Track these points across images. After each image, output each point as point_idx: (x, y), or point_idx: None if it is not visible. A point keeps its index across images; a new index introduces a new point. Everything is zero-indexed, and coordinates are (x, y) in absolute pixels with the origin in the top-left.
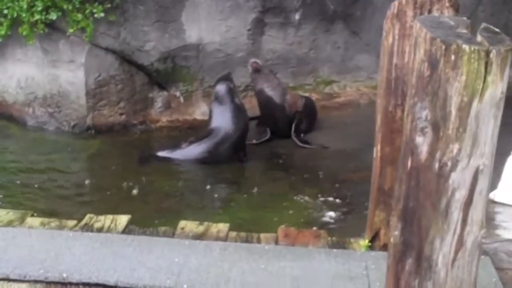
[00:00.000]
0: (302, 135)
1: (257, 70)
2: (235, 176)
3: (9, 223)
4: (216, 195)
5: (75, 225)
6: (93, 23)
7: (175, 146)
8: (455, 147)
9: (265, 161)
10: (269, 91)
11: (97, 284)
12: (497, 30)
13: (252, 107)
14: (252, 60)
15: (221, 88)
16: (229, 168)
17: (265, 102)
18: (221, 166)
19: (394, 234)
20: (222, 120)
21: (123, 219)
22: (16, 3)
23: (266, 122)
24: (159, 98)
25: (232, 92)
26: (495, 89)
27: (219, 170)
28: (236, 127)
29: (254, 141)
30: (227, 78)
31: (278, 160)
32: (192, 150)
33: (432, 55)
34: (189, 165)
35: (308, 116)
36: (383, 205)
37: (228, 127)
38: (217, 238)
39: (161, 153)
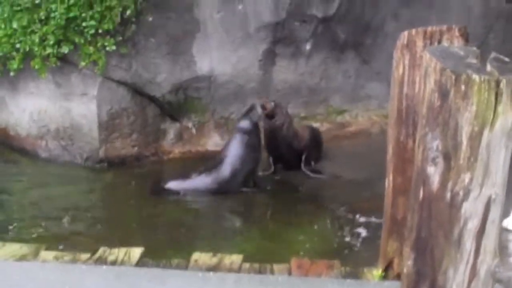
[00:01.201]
0: (312, 163)
1: (270, 116)
2: (246, 206)
3: (23, 257)
4: (228, 226)
5: (89, 258)
6: (105, 56)
7: (185, 177)
8: (466, 177)
9: (276, 192)
10: (278, 131)
11: None
12: (506, 59)
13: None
14: (262, 103)
15: (243, 123)
16: (240, 199)
17: (272, 140)
18: (232, 196)
19: (407, 264)
20: (235, 152)
21: (136, 252)
22: (28, 37)
23: (272, 156)
24: (171, 129)
25: (252, 128)
26: (506, 119)
27: (231, 200)
28: (247, 161)
29: (259, 173)
30: (251, 112)
31: (289, 191)
32: (202, 181)
33: (442, 85)
34: (200, 195)
35: (315, 147)
36: (396, 234)
37: (238, 161)
38: (230, 270)
39: (171, 184)
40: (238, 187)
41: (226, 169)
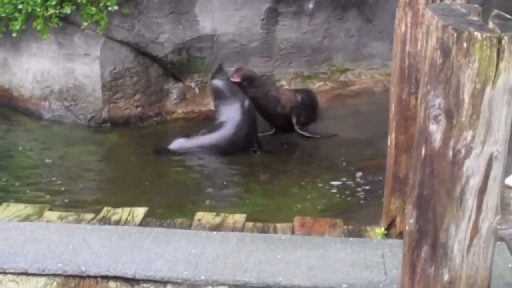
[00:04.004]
0: (305, 127)
1: (247, 80)
2: (249, 166)
3: (27, 218)
4: (231, 186)
5: (93, 218)
6: (107, 16)
7: (188, 136)
8: (468, 134)
9: (278, 152)
10: (262, 99)
11: (115, 277)
12: (508, 16)
13: None
14: (239, 72)
15: (218, 84)
16: (243, 159)
17: (260, 108)
18: (235, 156)
19: (409, 222)
20: (228, 114)
21: (140, 212)
22: None
23: (266, 120)
24: (174, 89)
25: (230, 85)
26: (508, 76)
27: (234, 160)
28: (244, 118)
29: (260, 134)
30: (220, 73)
31: (292, 150)
32: (206, 140)
33: (444, 43)
34: (205, 155)
35: (307, 109)
36: (398, 193)
37: (236, 120)
38: (234, 229)
39: (174, 145)
40: (243, 145)
41: (227, 129)
